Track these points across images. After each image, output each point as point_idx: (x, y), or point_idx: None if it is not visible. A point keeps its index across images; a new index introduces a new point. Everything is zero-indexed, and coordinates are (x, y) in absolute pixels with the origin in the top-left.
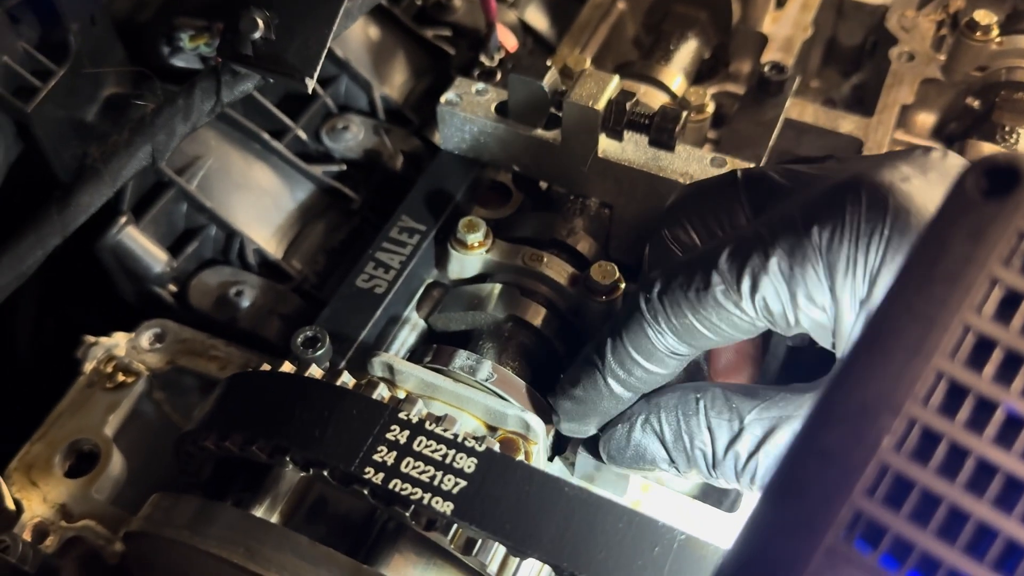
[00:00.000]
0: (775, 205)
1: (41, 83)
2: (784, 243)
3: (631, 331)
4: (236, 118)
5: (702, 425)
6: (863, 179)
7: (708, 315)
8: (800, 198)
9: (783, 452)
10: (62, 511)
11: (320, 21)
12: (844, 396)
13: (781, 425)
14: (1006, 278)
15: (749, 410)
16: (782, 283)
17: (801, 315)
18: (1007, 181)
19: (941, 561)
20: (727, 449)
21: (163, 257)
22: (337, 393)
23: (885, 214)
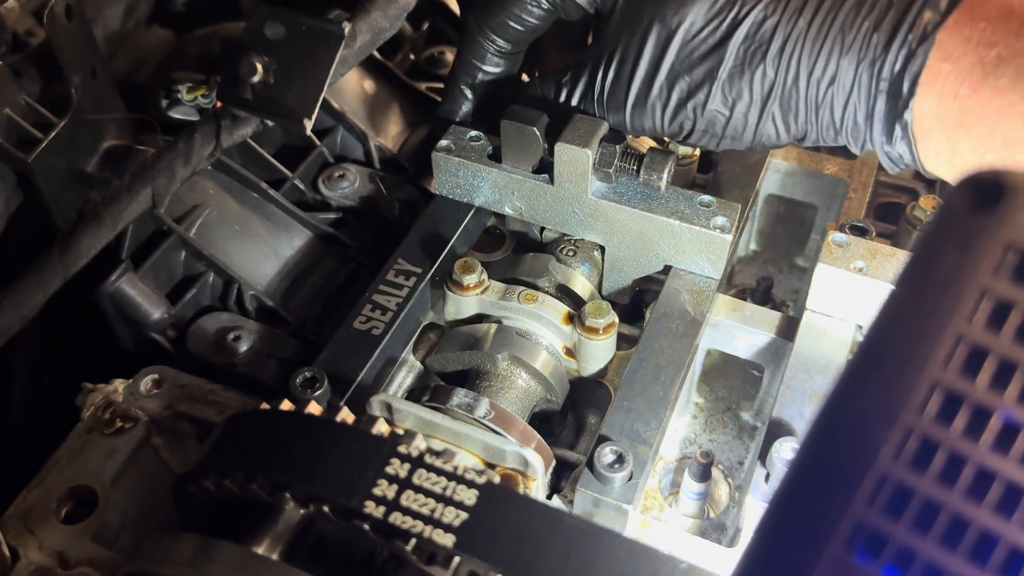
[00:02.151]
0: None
1: (42, 135)
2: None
3: (468, 46)
4: (235, 167)
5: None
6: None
7: (510, 9)
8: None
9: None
10: (59, 558)
11: (317, 67)
12: (842, 408)
13: (578, 75)
14: (996, 288)
15: (562, 74)
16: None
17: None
18: (993, 195)
19: (943, 569)
20: (556, 96)
21: (162, 304)
22: (336, 428)
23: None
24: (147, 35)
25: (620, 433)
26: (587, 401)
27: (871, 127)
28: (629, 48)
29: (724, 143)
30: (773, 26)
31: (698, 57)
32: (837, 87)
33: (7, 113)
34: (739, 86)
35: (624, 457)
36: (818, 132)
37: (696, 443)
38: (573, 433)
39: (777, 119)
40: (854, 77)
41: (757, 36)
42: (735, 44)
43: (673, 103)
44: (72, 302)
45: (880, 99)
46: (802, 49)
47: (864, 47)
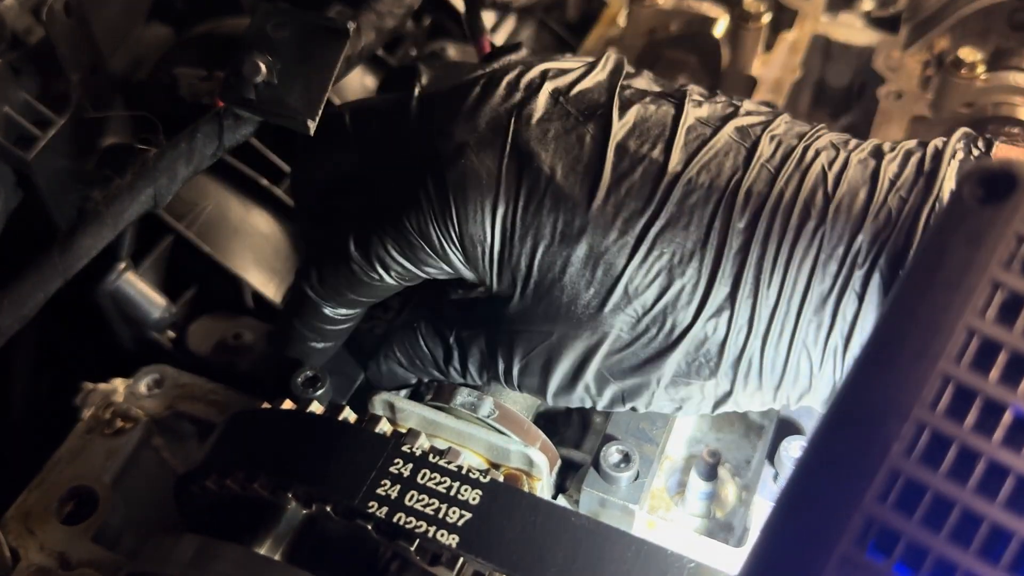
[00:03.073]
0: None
1: (41, 132)
2: (391, 231)
3: (310, 310)
4: (234, 164)
5: (424, 349)
6: (425, 157)
7: (364, 290)
8: (387, 172)
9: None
10: (60, 559)
11: (321, 66)
12: (852, 403)
13: (474, 346)
14: (1007, 281)
15: (450, 333)
16: (404, 261)
17: (434, 276)
18: (1003, 186)
19: (956, 566)
20: (447, 366)
21: (162, 303)
22: (339, 428)
23: (448, 196)
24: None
25: (626, 432)
26: None
27: None
28: (536, 348)
29: (678, 415)
30: (719, 344)
31: (629, 367)
32: (813, 395)
33: (6, 111)
34: (686, 390)
35: (630, 456)
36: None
37: (703, 442)
38: (578, 432)
39: (742, 406)
40: (833, 387)
41: (700, 352)
42: (674, 359)
43: (605, 400)
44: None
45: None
46: (760, 367)
47: (839, 364)
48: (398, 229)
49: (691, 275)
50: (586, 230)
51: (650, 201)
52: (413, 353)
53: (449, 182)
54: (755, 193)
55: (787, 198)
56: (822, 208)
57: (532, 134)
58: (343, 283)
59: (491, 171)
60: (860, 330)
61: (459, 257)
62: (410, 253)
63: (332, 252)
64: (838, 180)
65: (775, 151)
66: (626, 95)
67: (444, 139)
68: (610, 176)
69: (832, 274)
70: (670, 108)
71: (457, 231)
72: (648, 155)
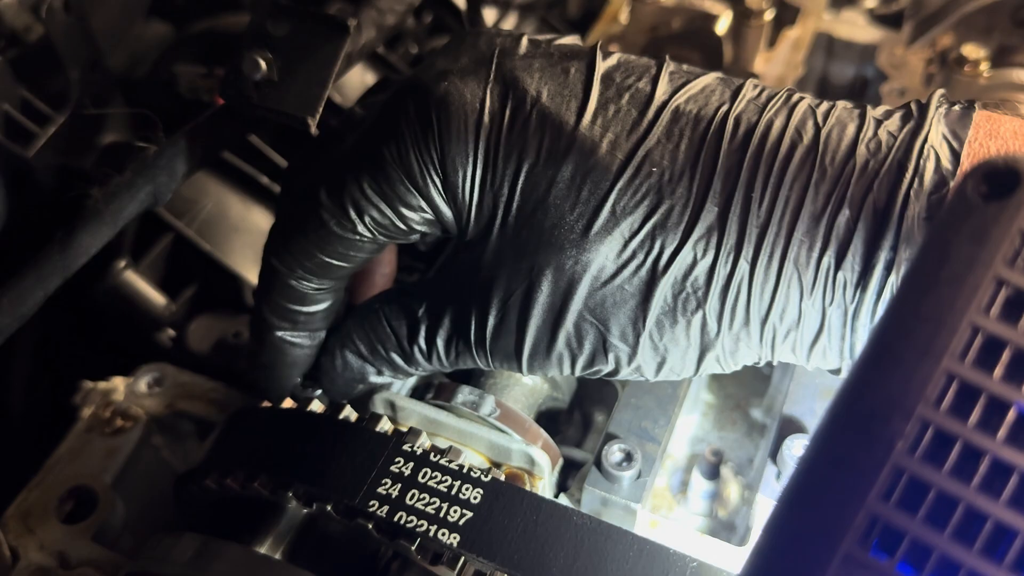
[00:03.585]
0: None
1: (41, 130)
2: (367, 166)
3: (278, 288)
4: (234, 162)
5: (387, 329)
6: (406, 88)
7: (335, 248)
8: (370, 119)
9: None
10: (60, 558)
11: (322, 63)
12: (856, 401)
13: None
14: (1011, 278)
15: (418, 306)
16: (380, 201)
17: (409, 222)
18: (1007, 183)
19: (959, 565)
20: (411, 345)
21: (161, 301)
22: (340, 426)
23: (431, 115)
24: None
25: (628, 431)
26: (594, 398)
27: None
28: (513, 291)
29: (659, 378)
30: (707, 269)
31: (612, 306)
32: (801, 331)
33: (6, 108)
34: (672, 333)
35: (632, 455)
36: (775, 362)
37: (705, 441)
38: (580, 431)
39: (724, 359)
40: (822, 321)
41: (688, 281)
42: (661, 291)
43: (585, 355)
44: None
45: (860, 344)
46: (748, 294)
47: (830, 288)
48: (375, 163)
49: (680, 194)
50: (572, 148)
51: (639, 123)
52: (374, 335)
53: (432, 103)
54: (744, 120)
55: (777, 125)
56: (813, 135)
57: (516, 64)
58: (311, 241)
59: (475, 92)
60: (853, 251)
61: (439, 188)
62: (388, 189)
63: (301, 208)
64: (826, 116)
65: (760, 93)
66: (606, 49)
67: (426, 69)
68: (597, 99)
69: (825, 193)
70: (651, 59)
71: (439, 153)
72: (635, 85)
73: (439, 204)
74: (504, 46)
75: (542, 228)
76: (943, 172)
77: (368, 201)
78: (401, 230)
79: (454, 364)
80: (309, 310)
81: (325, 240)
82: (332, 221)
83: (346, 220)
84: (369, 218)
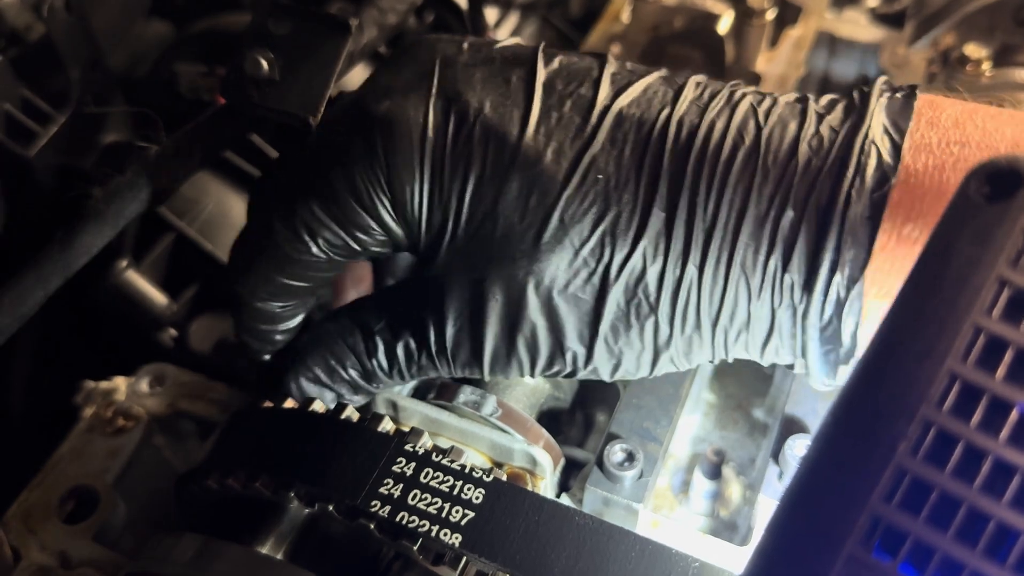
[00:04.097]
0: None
1: (42, 129)
2: (316, 190)
3: (248, 313)
4: (235, 161)
5: (344, 348)
6: (349, 109)
7: (292, 270)
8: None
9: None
10: (61, 558)
11: (323, 63)
12: (858, 402)
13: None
14: (1014, 279)
15: (376, 323)
16: (332, 223)
17: (362, 243)
18: (1009, 183)
19: (962, 566)
20: (371, 359)
21: (163, 301)
22: (341, 426)
23: (375, 136)
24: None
25: (630, 431)
26: (596, 398)
27: (806, 363)
28: (468, 302)
29: (616, 378)
30: (657, 275)
31: (567, 313)
32: (751, 333)
33: (7, 108)
34: (626, 337)
35: (634, 455)
36: (730, 359)
37: (707, 441)
38: (582, 431)
39: (679, 359)
40: (771, 322)
41: (639, 288)
42: (613, 298)
43: (544, 357)
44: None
45: (812, 344)
46: (699, 297)
47: (778, 290)
48: (324, 186)
49: (627, 200)
50: (517, 159)
51: (582, 130)
52: (331, 356)
53: (375, 124)
54: (686, 123)
55: (719, 127)
56: (754, 136)
57: (458, 76)
58: (271, 265)
59: (417, 108)
60: (798, 252)
61: (388, 208)
62: (337, 212)
63: (255, 234)
64: (768, 114)
65: (702, 92)
66: (548, 51)
67: (368, 87)
68: (539, 109)
69: (768, 195)
70: (593, 60)
71: (385, 173)
72: (576, 91)
73: (389, 223)
74: (445, 54)
75: (492, 240)
76: (884, 168)
77: (320, 223)
78: (356, 251)
79: (415, 376)
80: (284, 327)
81: (282, 263)
82: (286, 245)
83: (300, 244)
84: (323, 240)
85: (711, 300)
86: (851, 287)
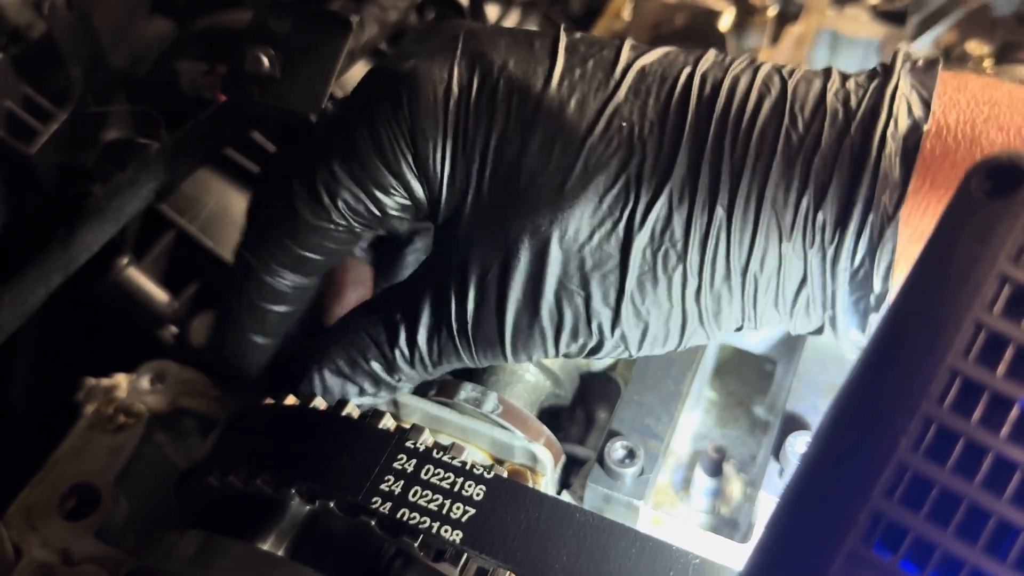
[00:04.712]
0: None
1: (43, 126)
2: (338, 150)
3: (253, 285)
4: (236, 158)
5: (366, 339)
6: (373, 72)
7: (309, 239)
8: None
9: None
10: (62, 555)
11: (324, 60)
12: (859, 398)
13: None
14: (1016, 275)
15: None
16: (352, 184)
17: (383, 206)
18: (1011, 180)
19: (962, 562)
20: (393, 349)
21: (164, 298)
22: (342, 424)
23: (399, 90)
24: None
25: (631, 428)
26: (596, 395)
27: (834, 318)
28: (491, 266)
29: (643, 351)
30: (684, 220)
31: (592, 268)
32: (783, 278)
33: (7, 105)
34: (653, 295)
35: (635, 452)
36: (759, 325)
37: (708, 438)
38: (582, 428)
39: (708, 321)
40: (804, 266)
41: (666, 235)
42: (639, 248)
43: (568, 326)
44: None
45: (841, 292)
46: (728, 242)
47: (810, 230)
48: (346, 145)
49: (652, 146)
50: (541, 110)
51: (605, 83)
52: (353, 348)
53: (399, 79)
54: (710, 77)
55: (743, 82)
56: (780, 88)
57: (482, 40)
58: (286, 233)
59: (442, 66)
60: (832, 191)
61: (410, 163)
62: (359, 170)
63: (274, 201)
64: (791, 73)
65: (723, 58)
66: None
67: (394, 54)
68: (563, 65)
69: (799, 138)
70: (614, 37)
71: (409, 126)
72: (599, 53)
73: (411, 181)
74: (470, 27)
75: (515, 192)
76: (915, 119)
77: (340, 185)
78: (375, 216)
79: (437, 363)
80: (280, 310)
81: (300, 231)
82: (306, 210)
83: (319, 207)
84: (343, 203)
85: (741, 244)
86: (886, 227)
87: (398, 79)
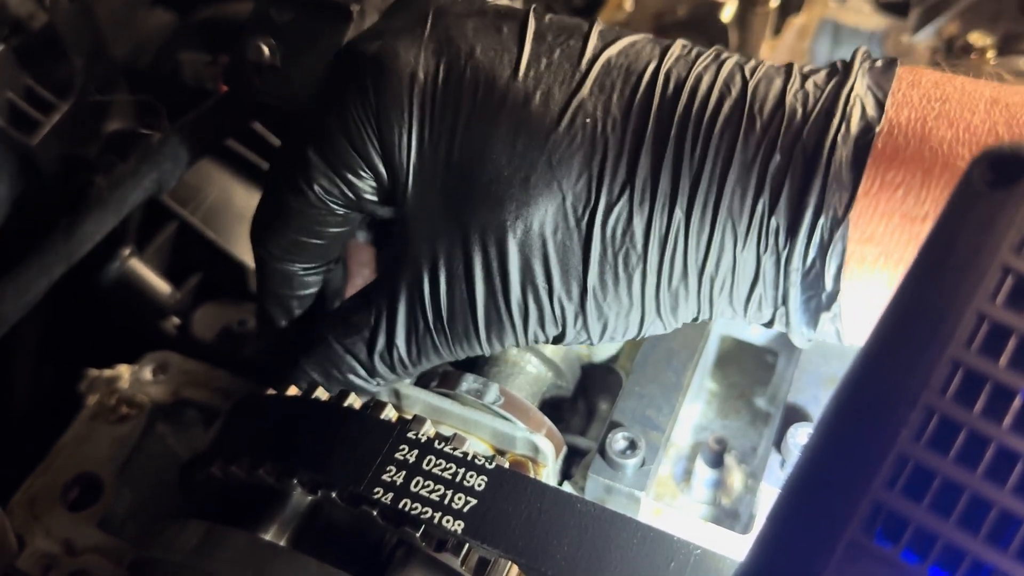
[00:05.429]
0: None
1: (45, 117)
2: (312, 136)
3: (269, 276)
4: (237, 149)
5: (339, 352)
6: (341, 54)
7: (299, 224)
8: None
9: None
10: (65, 545)
11: (325, 50)
12: (860, 389)
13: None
14: (1018, 266)
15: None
16: (326, 168)
17: (356, 189)
18: (1013, 170)
19: (964, 552)
20: (370, 354)
21: (166, 289)
22: (344, 414)
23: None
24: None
25: (632, 419)
26: (598, 387)
27: (786, 315)
28: (459, 259)
29: (603, 341)
30: (645, 222)
31: (555, 263)
32: (737, 278)
33: (9, 96)
34: (614, 292)
35: (636, 443)
36: (713, 317)
37: (709, 429)
38: (584, 419)
39: (666, 315)
40: (756, 269)
41: (627, 236)
42: (601, 247)
43: (534, 318)
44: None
45: (793, 291)
46: (686, 244)
47: (764, 235)
48: (318, 130)
49: (614, 145)
50: (506, 101)
51: (572, 75)
52: (327, 362)
53: (365, 62)
54: (674, 74)
55: (706, 80)
56: (741, 88)
57: (451, 23)
58: (281, 221)
59: (408, 49)
60: (785, 196)
61: (376, 148)
62: (330, 154)
63: (267, 192)
64: (753, 71)
65: (689, 51)
66: (539, 10)
67: (362, 35)
68: (529, 54)
69: (755, 142)
70: (583, 20)
71: (375, 111)
72: (566, 42)
73: (378, 166)
74: (439, 5)
75: (480, 184)
76: (868, 120)
77: (315, 169)
78: (351, 199)
79: (416, 363)
80: (300, 293)
81: (289, 218)
82: (289, 196)
83: (299, 193)
84: (319, 187)
85: (698, 247)
86: (835, 229)
87: (365, 62)
